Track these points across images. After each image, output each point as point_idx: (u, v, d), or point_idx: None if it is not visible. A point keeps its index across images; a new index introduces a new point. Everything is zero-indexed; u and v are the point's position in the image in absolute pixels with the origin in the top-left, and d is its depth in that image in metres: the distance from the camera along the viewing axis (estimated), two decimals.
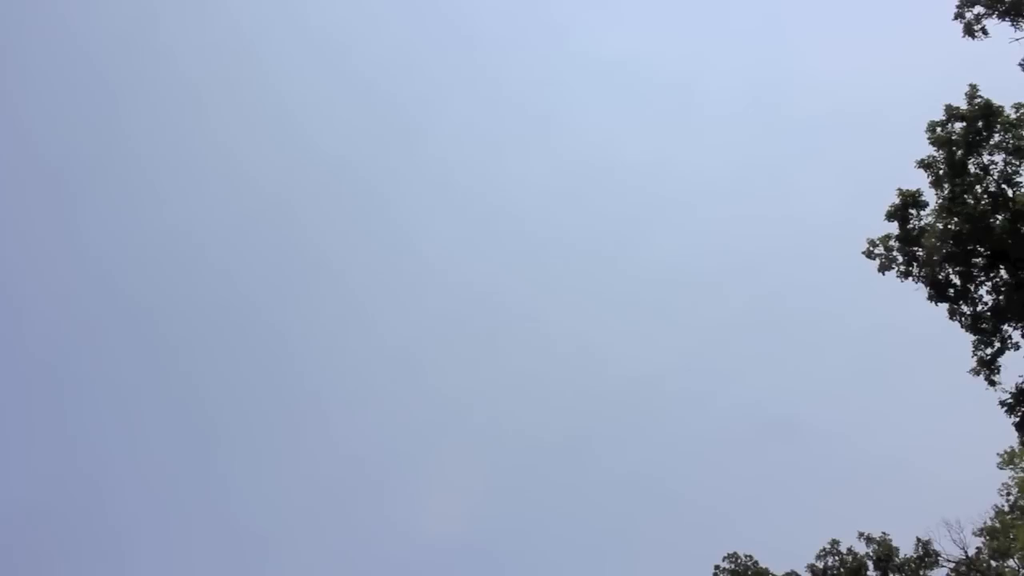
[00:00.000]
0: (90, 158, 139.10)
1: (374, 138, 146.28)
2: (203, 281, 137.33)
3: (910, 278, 31.51)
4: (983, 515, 44.15)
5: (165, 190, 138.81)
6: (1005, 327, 30.11)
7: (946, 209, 29.94)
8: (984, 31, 30.63)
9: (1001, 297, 29.87)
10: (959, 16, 30.76)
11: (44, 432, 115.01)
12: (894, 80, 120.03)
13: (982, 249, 29.67)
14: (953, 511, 52.56)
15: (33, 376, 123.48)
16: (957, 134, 30.08)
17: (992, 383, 30.45)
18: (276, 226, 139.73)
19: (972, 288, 30.43)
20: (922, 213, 31.12)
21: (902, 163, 31.86)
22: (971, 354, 30.76)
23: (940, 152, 30.40)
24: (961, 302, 30.73)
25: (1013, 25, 30.05)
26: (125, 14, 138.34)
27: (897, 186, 31.30)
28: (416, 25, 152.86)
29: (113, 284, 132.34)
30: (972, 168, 29.99)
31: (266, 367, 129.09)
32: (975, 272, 30.19)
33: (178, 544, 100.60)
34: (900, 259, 31.60)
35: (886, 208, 31.26)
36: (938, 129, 30.42)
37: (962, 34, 30.77)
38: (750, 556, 49.96)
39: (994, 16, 30.32)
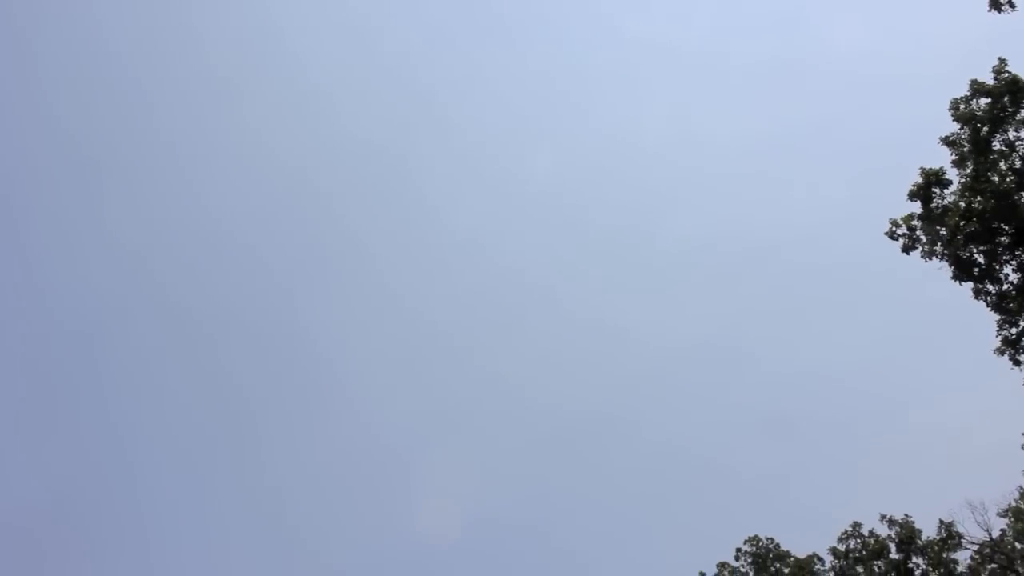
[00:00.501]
0: (121, 146, 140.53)
1: (404, 121, 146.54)
2: (236, 266, 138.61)
3: (934, 257, 31.06)
4: (1007, 496, 43.67)
5: (198, 177, 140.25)
6: None
7: (970, 187, 29.44)
8: (1011, 4, 29.72)
9: None
10: None
11: (79, 420, 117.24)
12: (920, 54, 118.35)
13: (1007, 228, 29.18)
14: (977, 492, 52.13)
15: (66, 362, 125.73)
16: (982, 110, 29.53)
17: (1017, 363, 30.09)
18: (308, 212, 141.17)
19: (997, 267, 29.97)
20: (945, 192, 30.65)
21: (925, 138, 31.47)
22: (995, 333, 30.39)
23: (964, 129, 29.86)
24: (986, 281, 30.28)
25: None
26: (155, 1, 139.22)
27: (918, 164, 30.90)
28: (444, 7, 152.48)
29: (146, 271, 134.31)
30: (997, 145, 29.44)
31: (298, 352, 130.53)
32: (1000, 251, 29.71)
33: (202, 527, 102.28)
34: (924, 239, 31.15)
35: (908, 187, 30.85)
36: (962, 106, 29.89)
37: (988, 7, 30.03)
38: (771, 539, 49.77)
39: None
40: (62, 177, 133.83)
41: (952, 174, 30.62)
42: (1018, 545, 42.88)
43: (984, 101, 29.57)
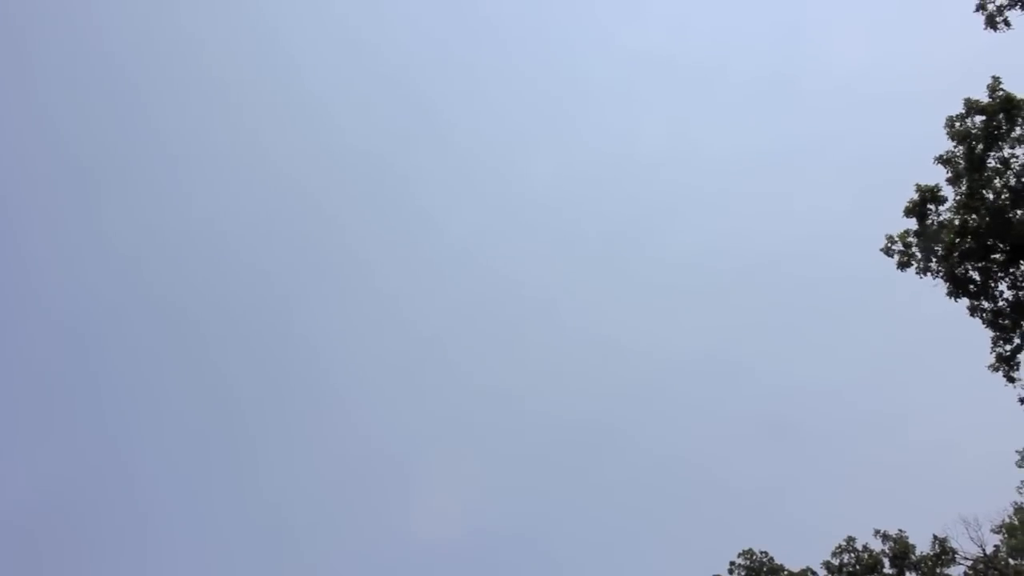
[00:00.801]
0: (118, 153, 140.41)
1: (402, 131, 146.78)
2: (233, 272, 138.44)
3: (930, 274, 31.14)
4: (1001, 512, 43.71)
5: (195, 183, 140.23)
6: None
7: (965, 205, 29.56)
8: (1007, 22, 30.03)
9: (1021, 293, 29.48)
10: (981, 7, 30.22)
11: (76, 422, 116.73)
12: (917, 71, 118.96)
13: (1002, 245, 29.27)
14: (971, 508, 52.07)
15: (64, 365, 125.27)
16: (977, 128, 29.68)
17: (1011, 379, 30.10)
18: (305, 219, 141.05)
19: (992, 284, 30.04)
20: (941, 209, 30.76)
21: (921, 154, 31.63)
22: (990, 350, 30.43)
23: (959, 147, 30.01)
24: (982, 298, 30.35)
25: None
26: (153, 7, 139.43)
27: (915, 180, 31.04)
28: (442, 18, 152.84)
29: (142, 278, 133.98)
30: (992, 162, 29.59)
31: (295, 358, 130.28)
32: (995, 268, 29.79)
33: (199, 531, 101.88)
34: (919, 255, 31.23)
35: (904, 204, 30.97)
36: (957, 123, 30.04)
37: (984, 26, 30.24)
38: (765, 552, 49.67)
39: (1017, 7, 29.75)
40: (59, 180, 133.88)
41: (948, 191, 30.77)
42: (1012, 561, 42.85)
43: (979, 119, 29.72)
